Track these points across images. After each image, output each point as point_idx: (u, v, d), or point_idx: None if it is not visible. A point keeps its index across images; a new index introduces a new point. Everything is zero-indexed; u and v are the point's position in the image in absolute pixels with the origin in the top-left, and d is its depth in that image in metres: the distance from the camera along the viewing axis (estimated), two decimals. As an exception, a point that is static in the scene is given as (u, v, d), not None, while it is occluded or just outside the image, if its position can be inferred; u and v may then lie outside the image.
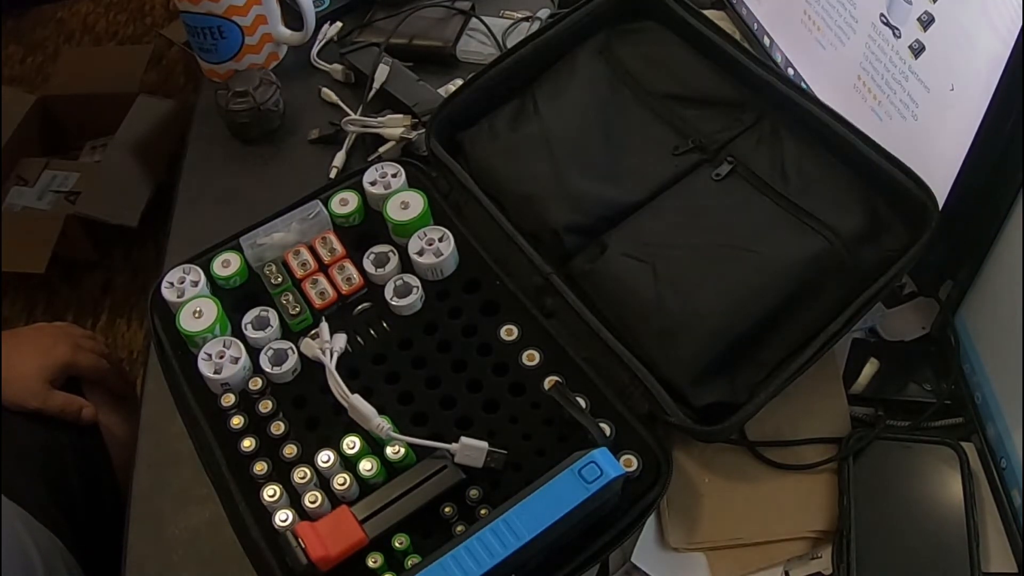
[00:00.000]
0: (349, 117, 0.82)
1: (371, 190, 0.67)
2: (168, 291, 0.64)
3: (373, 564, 0.52)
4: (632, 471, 0.55)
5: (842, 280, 0.59)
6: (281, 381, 0.60)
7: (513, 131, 0.70)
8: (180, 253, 0.67)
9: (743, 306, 0.59)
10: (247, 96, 0.83)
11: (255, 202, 0.71)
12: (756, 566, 0.58)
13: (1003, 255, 0.57)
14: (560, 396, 0.57)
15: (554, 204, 0.65)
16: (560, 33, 0.72)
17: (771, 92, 0.65)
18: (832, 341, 0.57)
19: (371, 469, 0.55)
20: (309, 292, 0.63)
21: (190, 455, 0.59)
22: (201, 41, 0.87)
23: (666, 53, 0.71)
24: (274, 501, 0.55)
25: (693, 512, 0.60)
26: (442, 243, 0.64)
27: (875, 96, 0.67)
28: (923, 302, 0.68)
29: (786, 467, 0.61)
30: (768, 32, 0.81)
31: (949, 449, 0.60)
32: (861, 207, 0.61)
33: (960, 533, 0.56)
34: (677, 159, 0.66)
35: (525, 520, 0.48)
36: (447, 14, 0.92)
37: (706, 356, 0.58)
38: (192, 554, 0.61)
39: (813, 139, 0.64)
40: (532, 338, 0.61)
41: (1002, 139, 0.55)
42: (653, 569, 0.58)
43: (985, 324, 0.60)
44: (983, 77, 0.54)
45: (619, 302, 0.61)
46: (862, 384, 0.65)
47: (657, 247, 0.62)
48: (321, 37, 0.92)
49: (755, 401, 0.56)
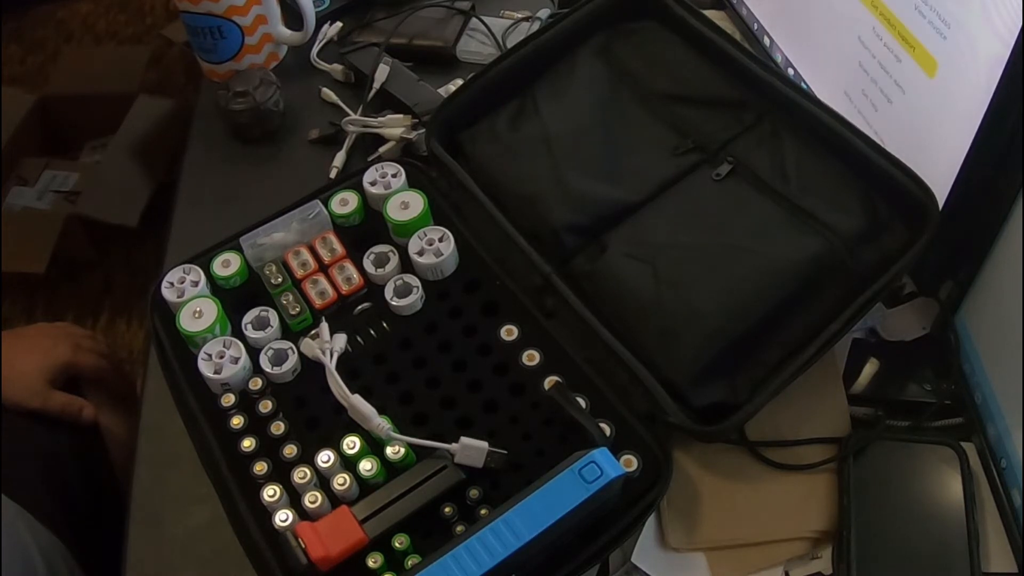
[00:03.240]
0: (349, 117, 0.82)
1: (371, 190, 0.67)
2: (168, 291, 0.64)
3: (373, 564, 0.52)
4: (632, 471, 0.55)
5: (842, 280, 0.59)
6: (281, 381, 0.60)
7: (513, 131, 0.70)
8: (180, 253, 0.67)
9: (743, 306, 0.59)
10: (247, 96, 0.83)
11: (255, 202, 0.71)
12: (756, 566, 0.58)
13: (1003, 255, 0.57)
14: (560, 396, 0.57)
15: (554, 204, 0.65)
16: (560, 33, 0.72)
17: (771, 92, 0.65)
18: (832, 341, 0.57)
19: (371, 469, 0.55)
20: (309, 292, 0.64)
21: (190, 455, 0.59)
22: (201, 41, 0.87)
23: (666, 53, 0.71)
24: (274, 501, 0.55)
25: (693, 512, 0.60)
26: (442, 243, 0.64)
27: (875, 96, 0.67)
28: (923, 302, 0.68)
29: (786, 467, 0.61)
30: (768, 32, 0.81)
31: (949, 449, 0.60)
32: (861, 207, 0.61)
33: (960, 533, 0.56)
34: (677, 159, 0.66)
35: (525, 520, 0.48)
36: (447, 14, 0.92)
37: (706, 356, 0.58)
38: (192, 554, 0.61)
39: (813, 139, 0.64)
40: (532, 338, 0.61)
41: (1002, 139, 0.55)
42: (653, 569, 0.58)
43: (985, 324, 0.60)
44: (983, 77, 0.54)
45: (619, 302, 0.61)
46: (862, 384, 0.65)
47: (657, 247, 0.62)
48: (321, 37, 0.92)
49: (755, 401, 0.56)
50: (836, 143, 0.62)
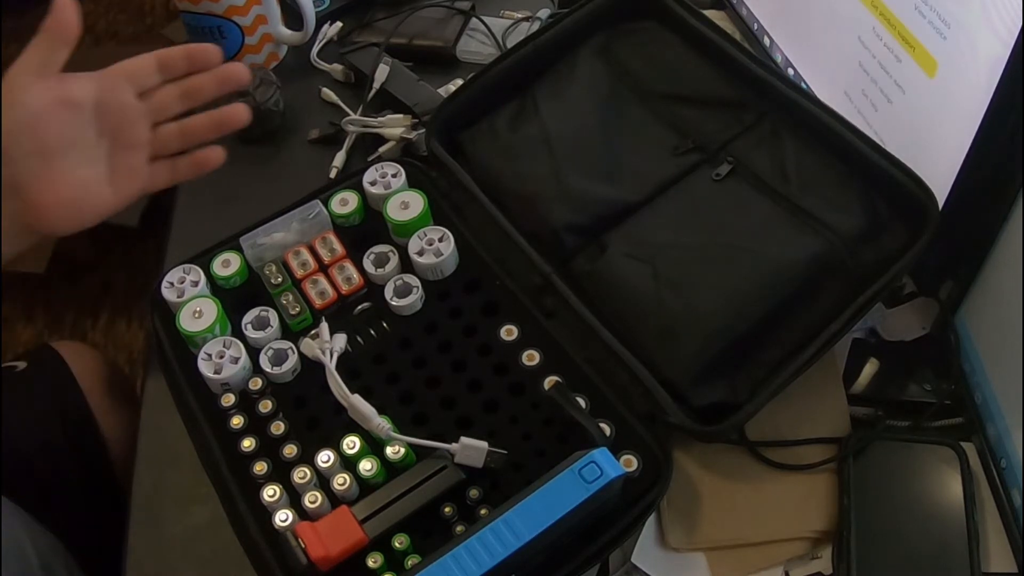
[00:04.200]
0: (349, 117, 0.82)
1: (371, 190, 0.67)
2: (168, 291, 0.64)
3: (373, 564, 0.52)
4: (632, 471, 0.55)
5: (842, 280, 0.59)
6: (281, 381, 0.60)
7: (513, 131, 0.70)
8: (180, 253, 0.67)
9: (743, 306, 0.59)
10: (247, 96, 0.83)
11: (255, 202, 0.71)
12: (756, 566, 0.58)
13: (1003, 255, 0.57)
14: (560, 396, 0.57)
15: (554, 204, 0.65)
16: (560, 33, 0.72)
17: (771, 92, 0.65)
18: (832, 341, 0.57)
19: (371, 469, 0.55)
20: (309, 292, 0.63)
21: (190, 455, 0.59)
22: (201, 41, 0.86)
23: (666, 53, 0.71)
24: (274, 501, 0.55)
25: (693, 512, 0.59)
26: (442, 243, 0.64)
27: (875, 96, 0.67)
28: (923, 302, 0.68)
29: (786, 467, 0.61)
30: (768, 32, 0.81)
31: (949, 449, 0.60)
32: (861, 207, 0.61)
33: (960, 533, 0.56)
34: (677, 159, 0.66)
35: (525, 520, 0.48)
36: (447, 14, 0.92)
37: (706, 356, 0.58)
38: (192, 554, 0.61)
39: (813, 139, 0.64)
40: (532, 338, 0.61)
41: (1002, 139, 0.55)
42: (653, 569, 0.58)
43: (985, 324, 0.60)
44: (983, 77, 0.54)
45: (619, 302, 0.61)
46: (862, 384, 0.65)
47: (657, 247, 0.62)
48: (321, 37, 0.92)
49: (755, 401, 0.56)
50: (836, 143, 0.62)
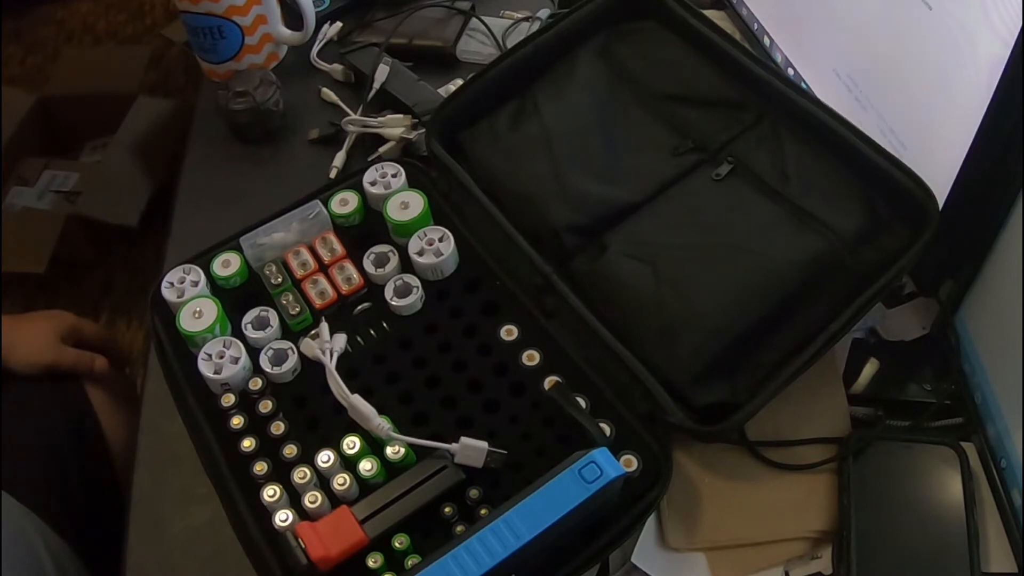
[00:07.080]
0: (349, 117, 0.82)
1: (371, 190, 0.67)
2: (168, 291, 0.64)
3: (373, 564, 0.52)
4: (632, 471, 0.55)
5: (842, 280, 0.59)
6: (281, 381, 0.60)
7: (513, 131, 0.70)
8: (180, 253, 0.67)
9: (743, 306, 0.59)
10: (247, 96, 0.83)
11: (255, 202, 0.71)
12: (756, 566, 0.58)
13: (1003, 255, 0.57)
14: (560, 396, 0.57)
15: (554, 204, 0.65)
16: (560, 33, 0.72)
17: (771, 92, 0.65)
18: (832, 341, 0.57)
19: (371, 469, 0.55)
20: (309, 292, 0.63)
21: (190, 455, 0.59)
22: (201, 41, 0.87)
23: (666, 53, 0.71)
24: (274, 501, 0.55)
25: (693, 512, 0.60)
26: (442, 243, 0.64)
27: (875, 96, 0.67)
28: (923, 302, 0.68)
29: (786, 467, 0.61)
30: (768, 32, 0.81)
31: (949, 449, 0.60)
32: (861, 207, 0.61)
33: (960, 533, 0.56)
34: (677, 159, 0.66)
35: (525, 520, 0.48)
36: (447, 14, 0.92)
37: (706, 356, 0.58)
38: (192, 554, 0.61)
39: (813, 139, 0.64)
40: (532, 338, 0.61)
41: (1002, 139, 0.55)
42: (653, 569, 0.58)
43: (985, 324, 0.60)
44: (983, 77, 0.54)
45: (619, 302, 0.61)
46: (862, 384, 0.65)
47: (657, 247, 0.62)
48: (321, 37, 0.92)
49: (755, 401, 0.56)
50: (836, 143, 0.62)
